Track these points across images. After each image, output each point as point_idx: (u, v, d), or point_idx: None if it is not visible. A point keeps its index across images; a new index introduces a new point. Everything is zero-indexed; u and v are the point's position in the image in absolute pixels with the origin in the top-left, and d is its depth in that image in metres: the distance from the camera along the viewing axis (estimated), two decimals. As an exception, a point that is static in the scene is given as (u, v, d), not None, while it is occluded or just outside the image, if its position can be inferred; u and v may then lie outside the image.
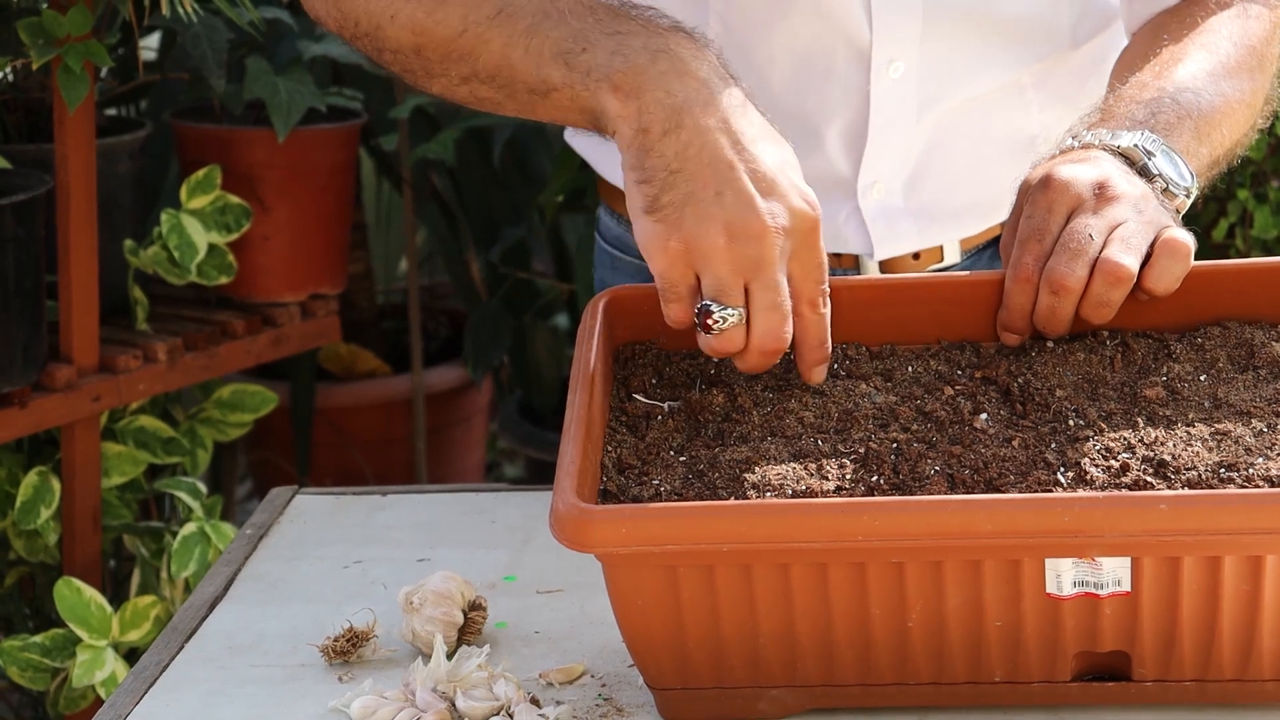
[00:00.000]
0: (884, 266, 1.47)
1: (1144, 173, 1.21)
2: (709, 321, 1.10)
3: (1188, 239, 1.16)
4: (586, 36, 1.14)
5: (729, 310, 1.09)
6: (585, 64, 1.13)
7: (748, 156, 1.09)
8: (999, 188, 1.32)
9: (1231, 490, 1.02)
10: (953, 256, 1.49)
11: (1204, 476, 1.05)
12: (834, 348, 1.21)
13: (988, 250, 1.52)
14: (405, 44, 1.23)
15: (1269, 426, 1.09)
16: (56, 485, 2.14)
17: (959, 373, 1.19)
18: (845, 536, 1.00)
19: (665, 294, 1.11)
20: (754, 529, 1.01)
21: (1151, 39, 1.37)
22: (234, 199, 2.29)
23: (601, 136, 1.15)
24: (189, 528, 2.15)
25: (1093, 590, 1.03)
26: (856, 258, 1.47)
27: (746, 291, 1.09)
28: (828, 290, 1.12)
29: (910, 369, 1.19)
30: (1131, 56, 1.38)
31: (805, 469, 1.08)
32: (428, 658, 1.17)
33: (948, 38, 1.41)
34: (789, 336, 1.11)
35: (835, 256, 1.48)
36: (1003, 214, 1.25)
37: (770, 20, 1.40)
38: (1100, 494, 1.01)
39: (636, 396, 1.18)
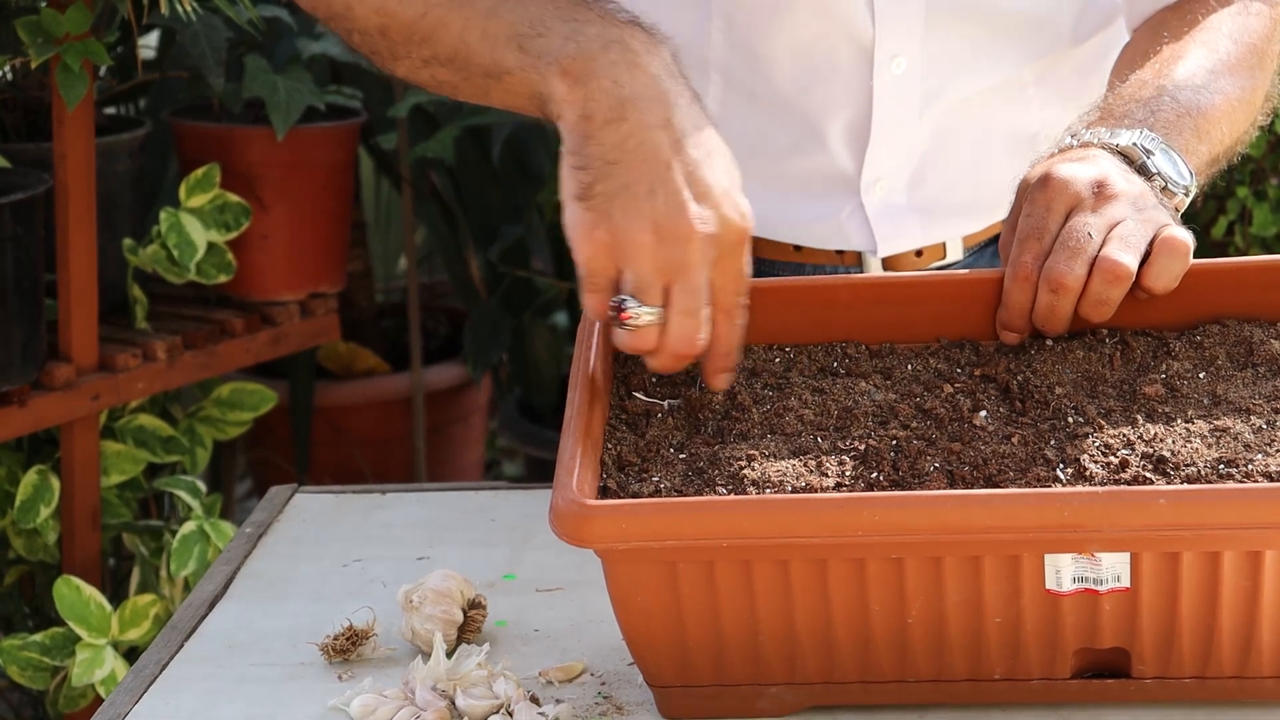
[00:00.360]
0: (887, 264, 1.47)
1: (1143, 171, 1.21)
2: (624, 317, 1.09)
3: (1186, 237, 1.16)
4: (543, 21, 1.14)
5: (645, 309, 1.09)
6: (538, 48, 1.13)
7: (687, 159, 1.09)
8: (1001, 184, 1.31)
9: (1231, 485, 1.03)
10: (955, 254, 1.49)
11: (1203, 473, 1.05)
12: (833, 346, 1.21)
13: (989, 247, 1.52)
14: (372, 25, 1.23)
15: (1268, 423, 1.09)
16: (56, 484, 2.14)
17: (958, 370, 1.19)
18: (845, 532, 1.00)
19: (585, 283, 1.11)
20: (754, 524, 1.01)
21: (1152, 36, 1.37)
22: (233, 197, 2.29)
23: (548, 123, 1.15)
24: (188, 526, 2.15)
25: (1092, 586, 1.03)
26: (860, 255, 1.47)
27: (668, 293, 1.09)
28: (745, 302, 1.12)
29: (910, 367, 1.19)
30: (1132, 54, 1.38)
31: (805, 466, 1.08)
32: (427, 656, 1.17)
33: (950, 34, 1.41)
34: (703, 343, 1.11)
35: (839, 254, 1.48)
36: (1005, 210, 1.25)
37: (773, 17, 1.40)
38: (1099, 489, 1.01)
39: (636, 395, 1.18)
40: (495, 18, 1.16)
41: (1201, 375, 1.16)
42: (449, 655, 1.17)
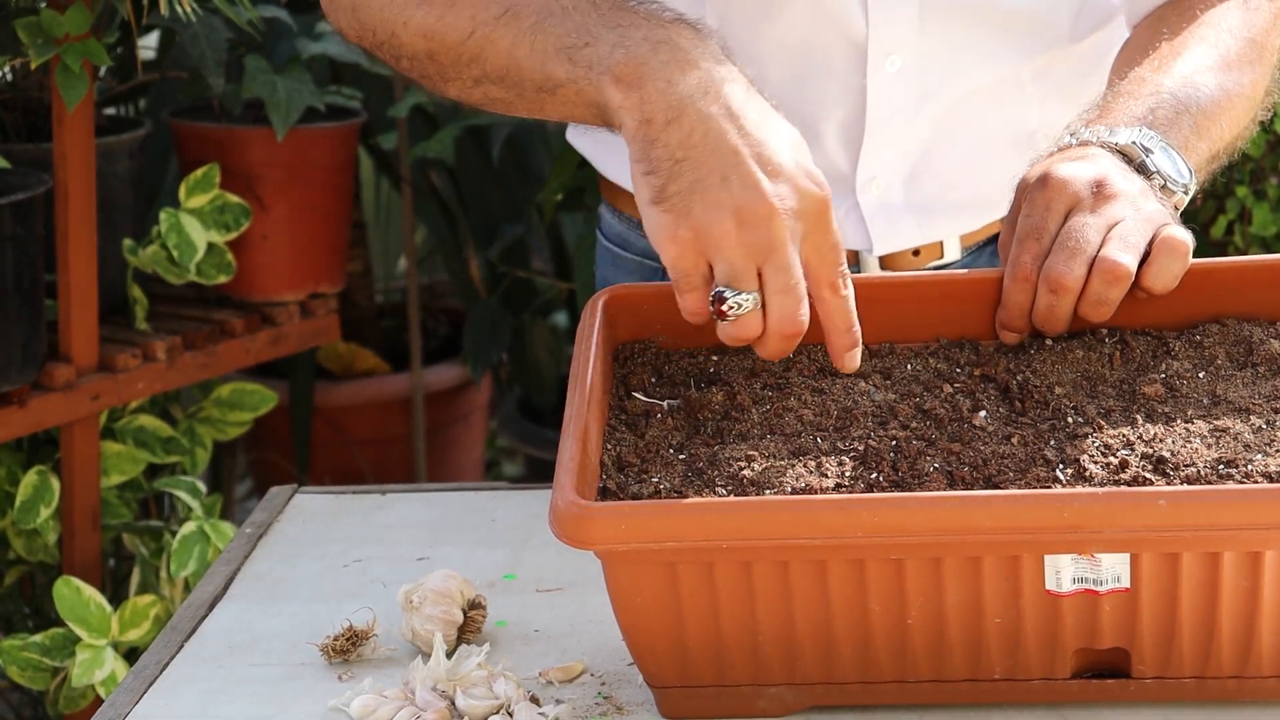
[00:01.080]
0: (884, 263, 1.47)
1: (1142, 170, 1.21)
2: (724, 308, 1.08)
3: (1186, 237, 1.16)
4: (589, 30, 1.14)
5: (743, 296, 1.08)
6: (588, 58, 1.13)
7: (752, 141, 1.09)
8: (999, 183, 1.32)
9: (1230, 486, 1.03)
10: (953, 253, 1.49)
11: (1203, 473, 1.05)
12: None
13: (988, 247, 1.52)
14: (419, 50, 1.24)
15: (1268, 423, 1.09)
16: (56, 484, 2.14)
17: (958, 371, 1.19)
18: (844, 533, 1.00)
19: (679, 284, 1.10)
20: (753, 525, 1.01)
21: (1151, 33, 1.37)
22: (233, 198, 2.29)
23: (611, 131, 1.15)
24: (188, 527, 2.15)
25: (1092, 587, 1.03)
26: (856, 254, 1.47)
27: (760, 277, 1.08)
28: (847, 272, 1.11)
29: (909, 367, 1.19)
30: (1131, 51, 1.38)
31: (805, 466, 1.08)
32: (427, 656, 1.17)
33: (945, 31, 1.41)
34: (806, 319, 1.10)
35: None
36: (1003, 209, 1.25)
37: (766, 15, 1.40)
38: (1099, 490, 1.01)
39: (636, 395, 1.18)
40: (541, 31, 1.16)
41: (1201, 375, 1.16)
42: (449, 655, 1.17)
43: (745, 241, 1.07)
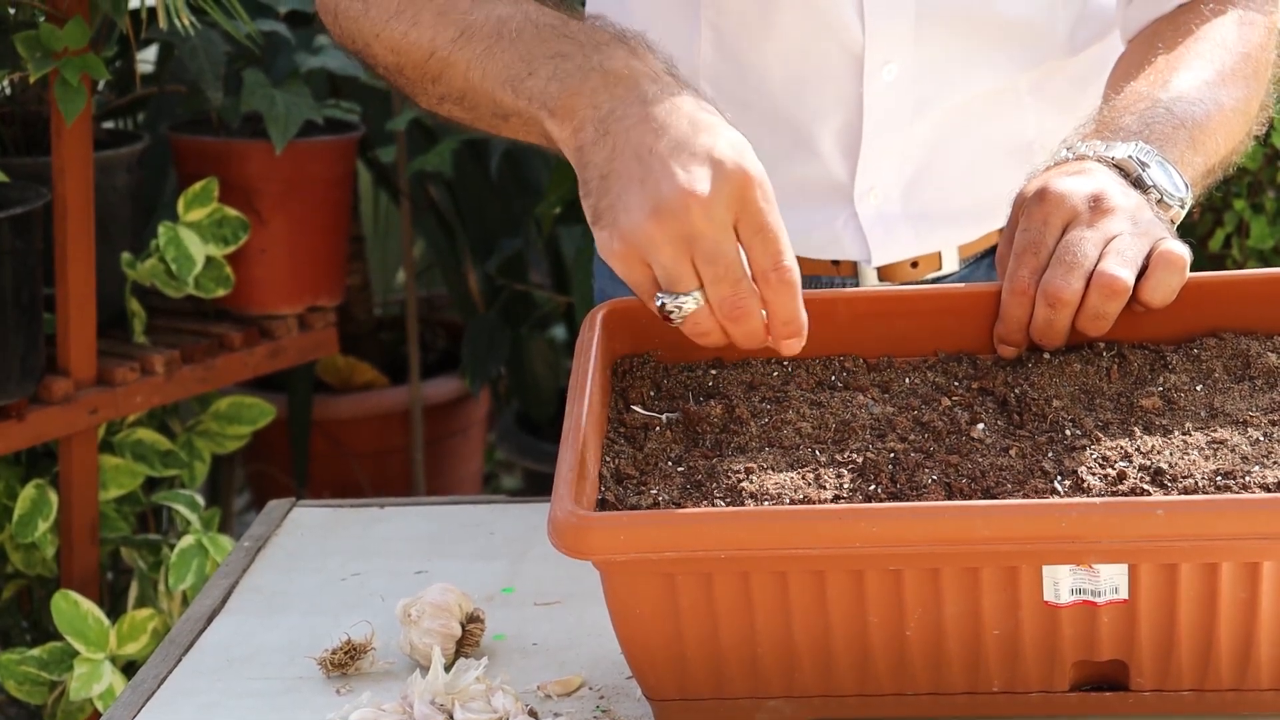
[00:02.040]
0: (882, 273, 1.47)
1: (1139, 184, 1.21)
2: (666, 314, 1.08)
3: (1183, 251, 1.16)
4: (531, 60, 1.15)
5: (682, 298, 1.07)
6: (529, 90, 1.14)
7: (670, 138, 1.06)
8: (996, 194, 1.32)
9: (1228, 496, 1.03)
10: (951, 264, 1.50)
11: (1201, 484, 1.05)
12: (831, 360, 1.21)
13: (985, 259, 1.52)
14: (389, 63, 1.26)
15: (1265, 435, 1.09)
16: (54, 498, 2.14)
17: (956, 384, 1.19)
18: (843, 543, 1.00)
19: (639, 296, 1.10)
20: (752, 535, 1.01)
21: (1146, 47, 1.37)
22: (231, 211, 2.29)
23: (557, 153, 1.16)
24: (186, 540, 2.15)
25: (1090, 598, 1.03)
26: (855, 264, 1.47)
27: (696, 271, 1.06)
28: (785, 259, 1.07)
29: (907, 380, 1.20)
30: (1127, 65, 1.38)
31: (803, 478, 1.08)
32: (426, 670, 1.17)
33: (941, 40, 1.41)
34: (752, 303, 1.07)
35: (834, 263, 1.48)
36: (1000, 220, 1.25)
37: (762, 25, 1.41)
38: (1097, 500, 1.01)
39: (634, 408, 1.18)
40: (491, 58, 1.17)
41: (1199, 388, 1.16)
42: (447, 669, 1.17)
43: (669, 238, 1.05)
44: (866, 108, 1.42)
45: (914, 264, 1.48)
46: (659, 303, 1.08)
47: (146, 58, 2.69)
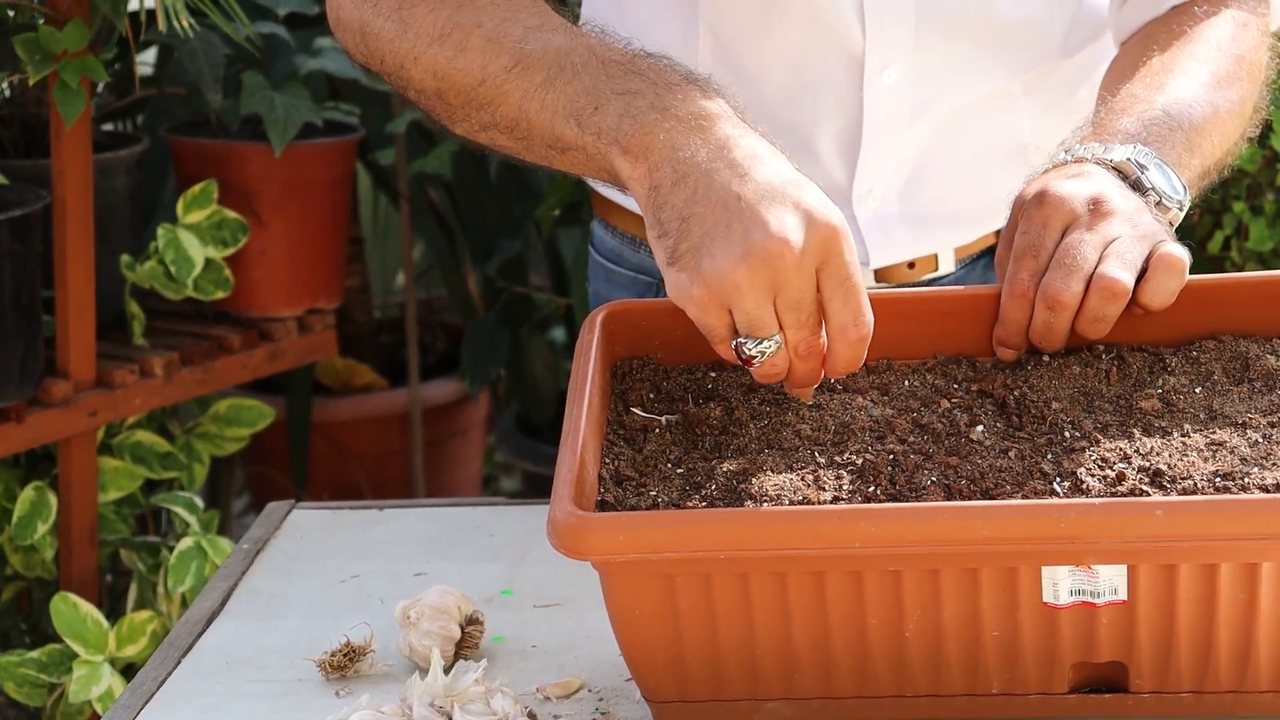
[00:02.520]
0: (879, 275, 1.48)
1: (1137, 186, 1.21)
2: (748, 359, 1.09)
3: (1183, 254, 1.16)
4: (598, 94, 1.14)
5: (764, 343, 1.08)
6: (596, 124, 1.13)
7: (756, 184, 1.07)
8: (992, 195, 1.32)
9: (1227, 497, 1.03)
10: (947, 265, 1.50)
11: (1200, 485, 1.05)
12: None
13: (982, 260, 1.53)
14: (428, 88, 1.23)
15: (1264, 437, 1.09)
16: (53, 500, 2.14)
17: (955, 386, 1.19)
18: (842, 543, 1.00)
19: (710, 339, 1.10)
20: (751, 536, 1.01)
21: (1141, 50, 1.37)
22: (230, 214, 2.29)
23: (622, 192, 1.15)
24: (186, 542, 2.15)
25: (1089, 599, 1.03)
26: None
27: (778, 314, 1.07)
28: (865, 314, 1.08)
29: (907, 383, 1.20)
30: (1121, 67, 1.39)
31: (802, 480, 1.08)
32: (425, 672, 1.17)
33: (940, 44, 1.41)
34: (820, 346, 1.09)
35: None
36: (996, 221, 1.25)
37: (762, 29, 1.41)
38: (1096, 500, 1.01)
39: (634, 410, 1.18)
40: (552, 90, 1.15)
41: (1198, 390, 1.16)
42: (447, 671, 1.17)
43: (756, 284, 1.05)
44: (866, 111, 1.42)
45: (911, 265, 1.48)
46: (739, 345, 1.08)
47: (146, 60, 2.69)
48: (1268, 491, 1.04)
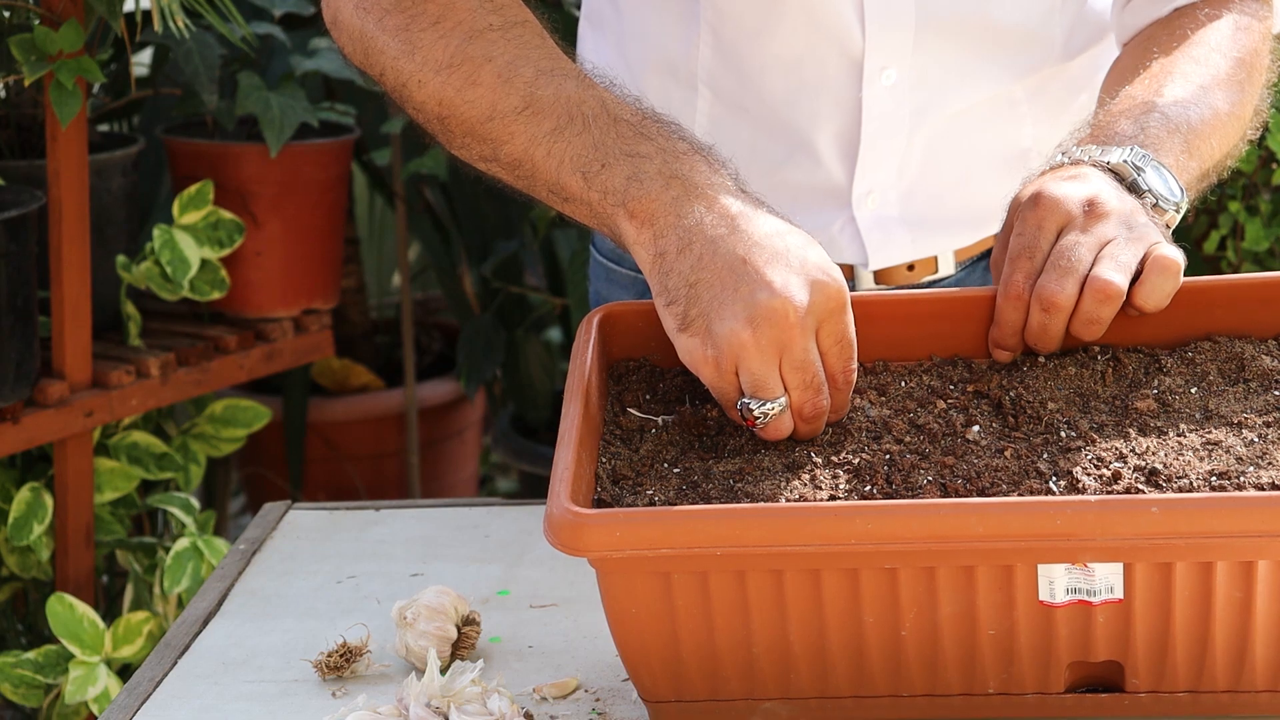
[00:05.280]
0: (878, 277, 1.48)
1: (1133, 188, 1.21)
2: (751, 420, 1.11)
3: (1178, 256, 1.17)
4: (606, 152, 1.15)
5: (768, 405, 1.10)
6: (603, 183, 1.15)
7: (760, 248, 1.10)
8: (993, 198, 1.32)
9: (1223, 494, 1.03)
10: (947, 267, 1.50)
11: (1196, 485, 1.05)
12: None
13: (981, 262, 1.53)
14: (430, 112, 1.24)
15: (1260, 437, 1.10)
16: (49, 501, 2.14)
17: (951, 387, 1.19)
18: (838, 540, 1.00)
19: (721, 402, 1.12)
20: (747, 532, 1.01)
21: (1141, 52, 1.37)
22: (226, 214, 2.29)
23: (623, 250, 1.17)
24: (182, 543, 2.15)
25: (1085, 598, 1.03)
26: (852, 268, 1.47)
27: (782, 375, 1.10)
28: (853, 364, 1.13)
29: (903, 384, 1.20)
30: (1121, 70, 1.39)
31: (799, 480, 1.08)
32: (421, 673, 1.17)
33: (940, 46, 1.41)
34: (828, 402, 1.12)
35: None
36: (997, 225, 1.25)
37: (762, 29, 1.41)
38: (1092, 498, 1.01)
39: (631, 410, 1.18)
40: (560, 139, 1.17)
41: (1193, 390, 1.16)
42: (443, 672, 1.17)
43: (762, 344, 1.08)
44: (865, 112, 1.42)
45: (910, 267, 1.48)
46: (747, 407, 1.10)
47: (141, 60, 2.69)
48: (1263, 490, 1.04)
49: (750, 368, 1.09)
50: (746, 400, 1.10)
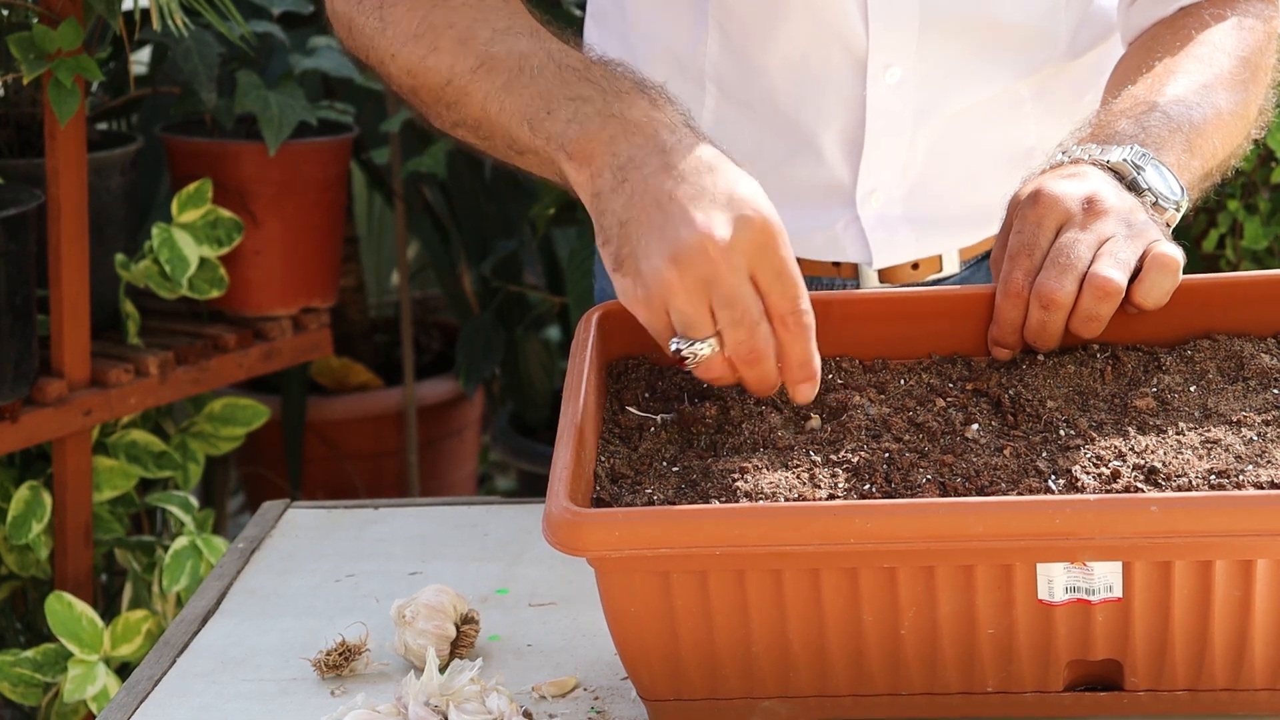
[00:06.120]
0: (883, 275, 1.48)
1: (1133, 187, 1.21)
2: (681, 360, 1.09)
3: (1177, 254, 1.16)
4: (550, 99, 1.16)
5: (698, 344, 1.08)
6: (547, 130, 1.15)
7: (686, 187, 1.08)
8: (997, 197, 1.32)
9: (1222, 493, 1.03)
10: (952, 266, 1.50)
11: (1195, 483, 1.05)
12: (826, 361, 1.21)
13: (986, 260, 1.53)
14: (404, 85, 1.27)
15: (1259, 435, 1.10)
16: (48, 500, 2.14)
17: (950, 385, 1.19)
18: (837, 539, 1.00)
19: (658, 341, 1.11)
20: (746, 532, 1.01)
21: (1145, 51, 1.37)
22: (225, 213, 2.29)
23: (571, 194, 1.17)
24: (180, 542, 2.15)
25: (1084, 596, 1.03)
26: (856, 266, 1.47)
27: (713, 316, 1.08)
28: (802, 303, 1.09)
29: (902, 382, 1.20)
30: (1125, 69, 1.38)
31: (798, 478, 1.08)
32: (420, 671, 1.17)
33: (944, 45, 1.41)
34: (765, 343, 1.09)
35: (835, 265, 1.48)
36: (1000, 223, 1.25)
37: (767, 27, 1.41)
38: (1091, 497, 1.01)
39: (630, 409, 1.18)
40: (510, 93, 1.18)
41: (1193, 389, 1.16)
42: (442, 670, 1.17)
43: (687, 283, 1.07)
44: (869, 111, 1.42)
45: (915, 266, 1.48)
46: (674, 348, 1.09)
47: (140, 59, 2.69)
48: (1263, 489, 1.04)
49: (677, 305, 1.07)
50: (676, 340, 1.08)
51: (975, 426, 1.13)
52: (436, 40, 1.23)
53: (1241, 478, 1.05)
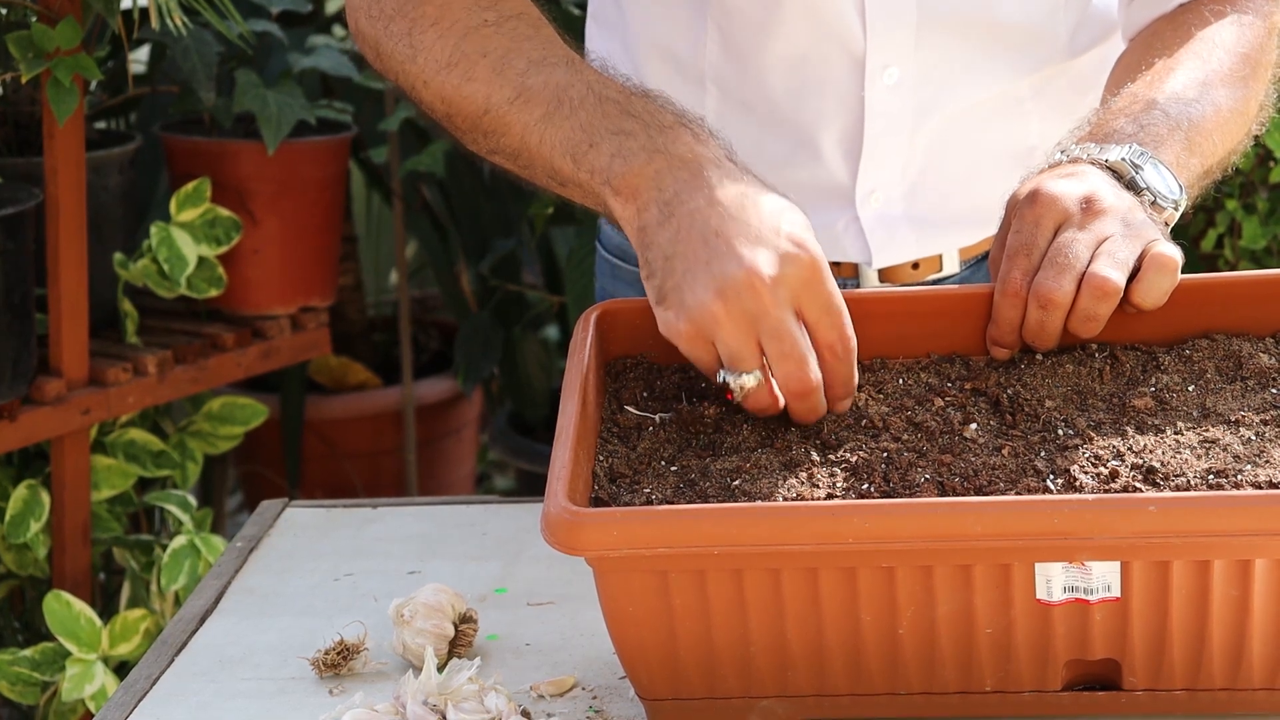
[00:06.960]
0: (883, 275, 1.48)
1: (1132, 186, 1.21)
2: (728, 394, 1.11)
3: (1175, 253, 1.16)
4: (593, 132, 1.17)
5: (745, 377, 1.10)
6: (590, 163, 1.16)
7: (735, 223, 1.10)
8: (997, 197, 1.32)
9: (1220, 493, 1.03)
10: (952, 266, 1.50)
11: (1193, 483, 1.05)
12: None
13: (986, 260, 1.52)
14: (437, 110, 1.28)
15: (1257, 435, 1.10)
16: (46, 498, 2.14)
17: (949, 385, 1.19)
18: (835, 539, 1.00)
19: (704, 373, 1.13)
20: (745, 531, 1.01)
21: (1145, 49, 1.37)
22: (224, 212, 2.29)
23: (616, 228, 1.18)
24: (179, 541, 2.15)
25: (1082, 596, 1.03)
26: (856, 266, 1.48)
27: (761, 348, 1.10)
28: (848, 329, 1.12)
29: (901, 381, 1.20)
30: (1125, 67, 1.38)
31: (796, 478, 1.08)
32: (419, 670, 1.17)
33: (943, 45, 1.41)
34: (815, 376, 1.11)
35: (835, 265, 1.48)
36: (1001, 224, 1.25)
37: (766, 27, 1.41)
38: (1089, 496, 1.01)
39: (628, 408, 1.18)
40: (550, 125, 1.19)
41: (1191, 388, 1.16)
42: (440, 670, 1.17)
43: (734, 317, 1.09)
44: (868, 111, 1.42)
45: (915, 266, 1.48)
46: (721, 379, 1.11)
47: (139, 58, 2.69)
48: (1261, 489, 1.04)
49: (723, 339, 1.09)
50: (723, 373, 1.11)
51: (974, 426, 1.13)
52: (471, 69, 1.23)
53: (1240, 477, 1.05)
